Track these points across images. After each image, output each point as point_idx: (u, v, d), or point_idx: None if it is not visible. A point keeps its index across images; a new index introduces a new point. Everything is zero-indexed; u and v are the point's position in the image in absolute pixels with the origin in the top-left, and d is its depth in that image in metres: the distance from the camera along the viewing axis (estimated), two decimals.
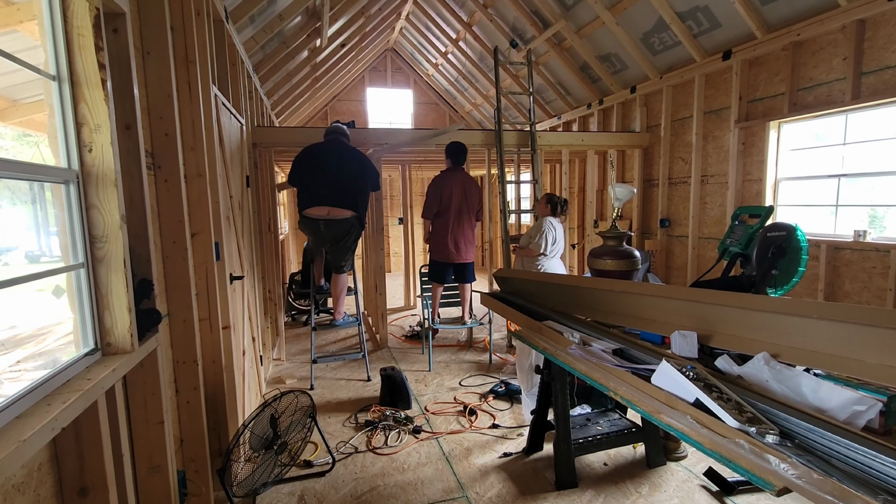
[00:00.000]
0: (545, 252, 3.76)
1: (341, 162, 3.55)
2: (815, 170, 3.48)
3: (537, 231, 3.82)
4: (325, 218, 3.52)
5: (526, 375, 3.09)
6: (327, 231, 3.58)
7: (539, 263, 3.79)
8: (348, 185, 3.53)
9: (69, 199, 1.33)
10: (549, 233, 3.78)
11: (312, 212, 3.53)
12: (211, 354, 2.16)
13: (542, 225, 3.81)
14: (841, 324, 1.45)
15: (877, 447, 1.14)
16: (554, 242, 3.81)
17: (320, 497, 2.33)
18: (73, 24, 1.29)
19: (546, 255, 3.78)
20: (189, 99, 2.00)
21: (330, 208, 3.51)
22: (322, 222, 3.53)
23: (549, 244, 3.78)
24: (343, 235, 3.61)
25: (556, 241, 3.82)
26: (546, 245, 3.76)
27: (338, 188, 3.50)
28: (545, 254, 3.77)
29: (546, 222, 3.81)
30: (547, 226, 3.80)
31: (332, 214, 3.52)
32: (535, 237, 3.80)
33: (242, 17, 3.20)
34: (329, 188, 3.50)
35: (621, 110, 5.42)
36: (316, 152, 3.60)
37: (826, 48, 3.24)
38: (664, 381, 1.54)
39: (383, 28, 7.46)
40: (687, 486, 2.36)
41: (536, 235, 3.81)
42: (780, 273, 2.29)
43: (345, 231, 3.60)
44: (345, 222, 3.56)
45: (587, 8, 4.62)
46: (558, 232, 3.86)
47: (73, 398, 1.12)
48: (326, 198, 3.50)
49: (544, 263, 3.80)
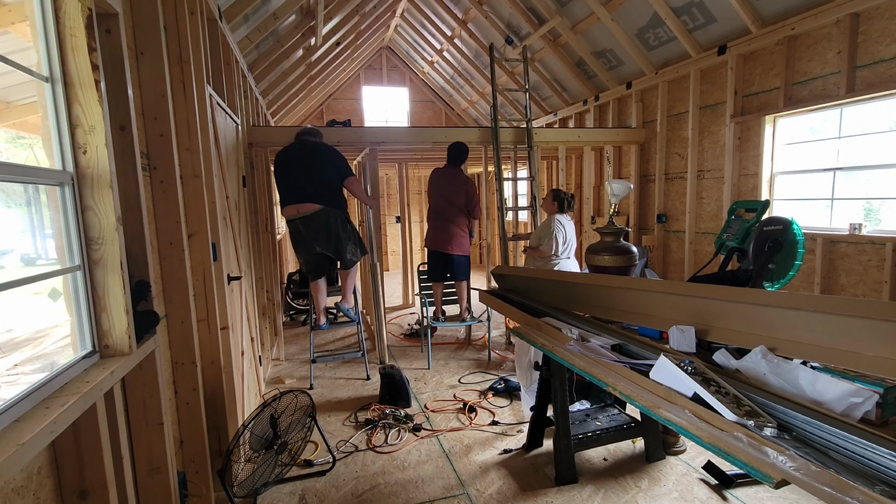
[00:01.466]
0: (556, 253, 3.65)
1: (304, 159, 3.58)
2: (810, 164, 3.49)
3: (546, 231, 3.70)
4: (299, 216, 3.54)
5: (525, 372, 3.09)
6: (306, 229, 3.56)
7: (553, 264, 3.66)
8: (314, 178, 3.54)
9: (64, 202, 1.32)
10: (559, 233, 3.65)
11: (286, 213, 3.59)
12: (209, 355, 2.16)
13: (551, 224, 3.68)
14: (837, 317, 1.46)
15: (873, 438, 1.14)
16: (565, 242, 3.68)
17: (321, 496, 2.34)
18: (65, 25, 1.28)
19: (558, 256, 3.66)
20: (184, 99, 2.00)
21: (298, 205, 3.53)
22: (298, 222, 3.56)
23: (560, 244, 3.65)
24: (324, 228, 3.56)
25: (566, 241, 3.69)
26: (556, 246, 3.64)
27: (303, 184, 3.53)
28: (557, 255, 3.65)
29: (554, 221, 3.68)
30: (556, 225, 3.66)
31: (301, 211, 3.53)
32: (545, 238, 3.68)
33: (236, 16, 3.19)
34: (295, 187, 3.55)
35: (617, 106, 5.42)
36: (283, 155, 3.64)
37: (820, 42, 3.25)
38: (662, 376, 1.55)
39: (378, 26, 7.43)
40: (686, 479, 2.37)
41: (546, 237, 3.68)
42: (776, 267, 2.30)
43: (323, 223, 3.56)
44: (319, 214, 3.54)
45: (582, 4, 4.61)
46: (568, 230, 3.72)
47: (71, 401, 1.12)
48: (293, 197, 3.55)
49: (558, 264, 3.67)
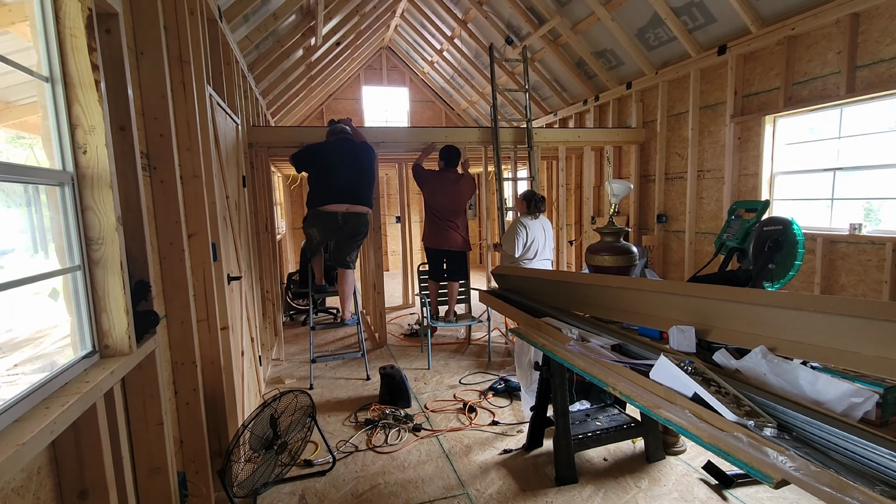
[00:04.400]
0: (516, 255, 3.63)
1: (353, 161, 3.76)
2: (810, 164, 3.48)
3: (512, 233, 3.70)
4: (345, 212, 3.71)
5: (525, 372, 3.09)
6: (345, 223, 3.73)
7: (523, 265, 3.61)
8: (365, 181, 3.79)
9: (64, 202, 1.32)
10: (520, 235, 3.62)
11: (333, 208, 3.70)
12: (210, 355, 2.16)
13: (515, 226, 3.66)
14: (837, 317, 1.46)
15: (874, 438, 1.14)
16: (531, 244, 3.64)
17: (321, 496, 2.34)
18: (65, 25, 1.28)
19: (522, 258, 3.62)
20: (184, 99, 2.00)
21: (349, 205, 3.72)
22: (340, 215, 3.72)
23: (521, 247, 3.63)
24: (358, 229, 3.81)
25: (532, 242, 3.65)
26: (518, 248, 3.62)
27: (354, 185, 3.73)
28: (517, 256, 3.62)
29: (518, 223, 3.66)
30: (518, 227, 3.65)
31: (350, 210, 3.73)
32: (508, 239, 3.68)
33: (236, 17, 3.19)
34: (345, 187, 3.71)
35: (617, 106, 5.42)
36: (328, 151, 3.74)
37: (820, 42, 3.25)
38: (662, 376, 1.55)
39: (378, 26, 7.43)
40: (686, 479, 2.37)
41: (511, 237, 3.67)
42: (776, 267, 2.30)
43: (361, 225, 3.82)
44: (362, 216, 3.81)
45: (582, 4, 4.61)
46: (533, 231, 3.66)
47: (71, 401, 1.12)
48: (345, 196, 3.70)
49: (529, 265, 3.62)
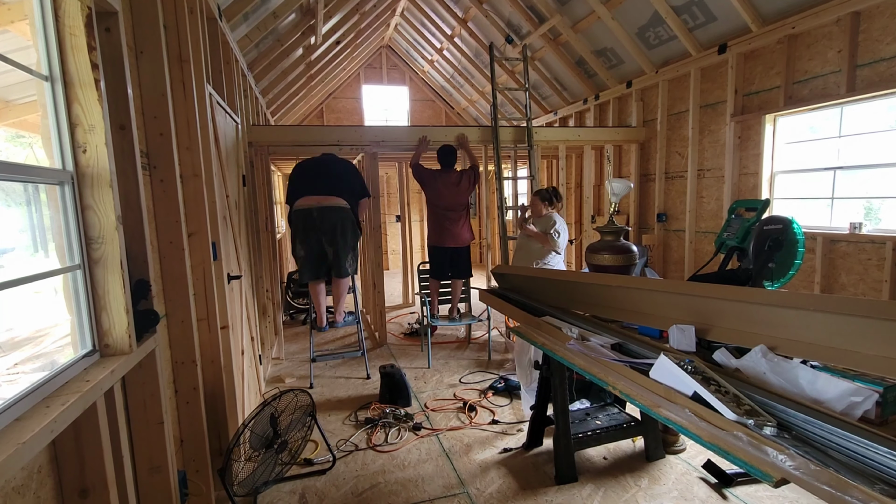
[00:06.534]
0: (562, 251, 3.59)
1: (333, 167, 3.67)
2: (810, 163, 3.48)
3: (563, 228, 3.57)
4: (318, 206, 3.50)
5: (525, 371, 3.09)
6: (321, 219, 3.48)
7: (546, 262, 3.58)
8: (341, 185, 3.60)
9: (64, 201, 1.32)
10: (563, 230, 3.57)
11: (303, 202, 3.53)
12: (210, 354, 2.16)
13: (558, 221, 3.57)
14: (837, 316, 1.46)
15: (873, 437, 1.14)
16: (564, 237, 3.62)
17: (321, 495, 2.34)
18: (64, 24, 1.28)
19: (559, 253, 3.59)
20: (183, 98, 1.99)
21: (320, 197, 3.50)
22: (315, 210, 3.49)
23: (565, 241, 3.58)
24: (339, 224, 3.51)
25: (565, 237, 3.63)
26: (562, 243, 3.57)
27: (328, 181, 3.56)
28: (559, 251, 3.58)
29: (559, 219, 3.59)
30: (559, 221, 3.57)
31: (322, 202, 3.49)
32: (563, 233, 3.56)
33: (236, 15, 3.19)
34: (318, 185, 3.56)
35: (617, 105, 5.42)
36: (307, 164, 3.73)
37: (821, 41, 3.24)
38: (662, 375, 1.55)
39: (378, 25, 7.42)
40: (686, 478, 2.37)
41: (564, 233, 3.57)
42: (776, 266, 2.30)
43: (340, 220, 3.51)
44: (339, 210, 3.50)
45: (582, 2, 4.60)
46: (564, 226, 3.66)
47: (71, 400, 1.12)
48: (316, 191, 3.53)
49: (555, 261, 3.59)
